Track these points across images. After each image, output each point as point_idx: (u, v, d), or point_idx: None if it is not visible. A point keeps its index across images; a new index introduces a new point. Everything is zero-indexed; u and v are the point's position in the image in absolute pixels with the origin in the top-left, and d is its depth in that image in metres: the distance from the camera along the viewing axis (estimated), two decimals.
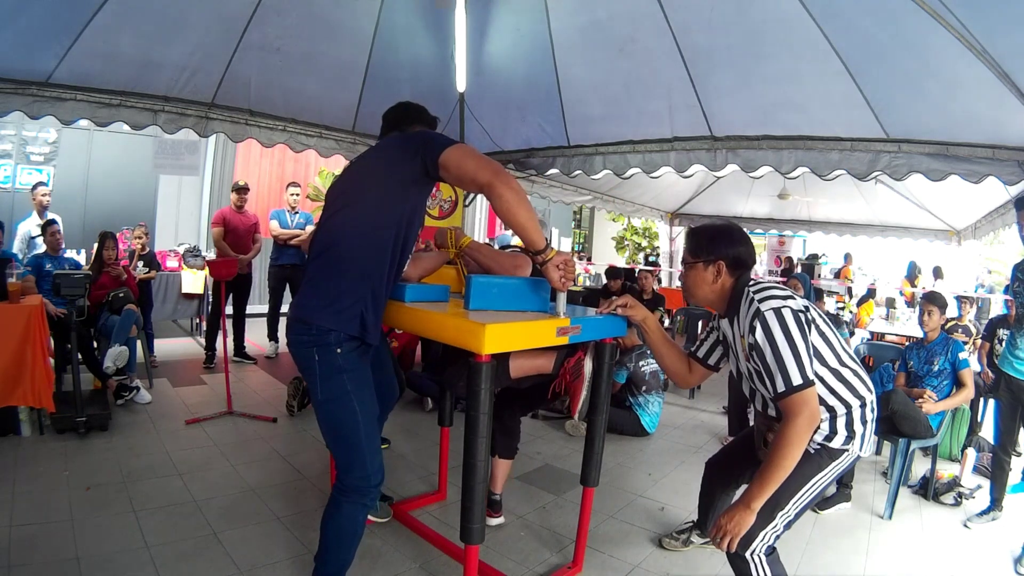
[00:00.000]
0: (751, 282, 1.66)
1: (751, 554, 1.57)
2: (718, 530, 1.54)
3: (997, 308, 7.13)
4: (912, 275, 8.41)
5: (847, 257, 10.28)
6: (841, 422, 1.61)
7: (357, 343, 1.58)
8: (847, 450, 1.61)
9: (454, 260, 2.19)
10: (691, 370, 1.94)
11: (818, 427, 1.59)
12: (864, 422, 1.62)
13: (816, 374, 1.55)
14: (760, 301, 1.56)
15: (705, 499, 2.24)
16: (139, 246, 4.87)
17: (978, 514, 2.76)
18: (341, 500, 1.61)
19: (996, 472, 2.80)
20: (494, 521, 2.40)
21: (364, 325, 1.56)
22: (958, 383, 2.99)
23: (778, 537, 1.61)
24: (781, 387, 1.50)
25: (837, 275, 10.00)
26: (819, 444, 1.63)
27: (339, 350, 1.54)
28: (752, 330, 1.55)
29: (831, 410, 1.61)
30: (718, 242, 1.70)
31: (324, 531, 1.64)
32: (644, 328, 1.90)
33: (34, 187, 4.66)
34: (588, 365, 1.92)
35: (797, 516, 1.62)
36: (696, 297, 1.76)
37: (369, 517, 2.17)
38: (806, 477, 1.59)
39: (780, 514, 1.59)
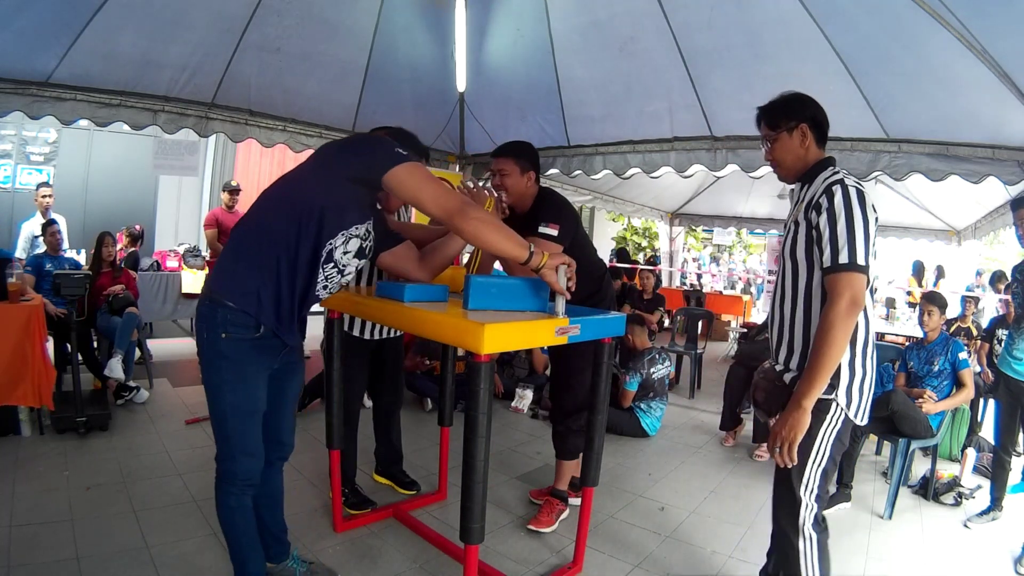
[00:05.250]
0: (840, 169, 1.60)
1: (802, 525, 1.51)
2: (775, 439, 1.47)
3: (992, 308, 7.08)
4: (919, 274, 8.34)
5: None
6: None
7: (250, 331, 1.48)
8: (831, 400, 1.50)
9: (469, 264, 2.11)
10: None
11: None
12: (852, 370, 1.50)
13: None
14: (847, 178, 1.52)
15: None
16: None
17: (978, 514, 2.76)
18: (217, 485, 1.57)
19: (996, 472, 2.80)
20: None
21: (260, 303, 1.47)
22: (958, 383, 2.99)
23: (818, 513, 1.54)
24: (844, 259, 1.42)
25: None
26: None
27: (224, 334, 1.46)
28: (831, 195, 1.48)
29: None
30: (793, 107, 1.64)
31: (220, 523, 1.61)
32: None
33: (37, 187, 4.66)
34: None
35: (824, 480, 1.53)
36: (784, 166, 1.68)
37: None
38: (811, 435, 1.49)
39: (802, 490, 1.52)
